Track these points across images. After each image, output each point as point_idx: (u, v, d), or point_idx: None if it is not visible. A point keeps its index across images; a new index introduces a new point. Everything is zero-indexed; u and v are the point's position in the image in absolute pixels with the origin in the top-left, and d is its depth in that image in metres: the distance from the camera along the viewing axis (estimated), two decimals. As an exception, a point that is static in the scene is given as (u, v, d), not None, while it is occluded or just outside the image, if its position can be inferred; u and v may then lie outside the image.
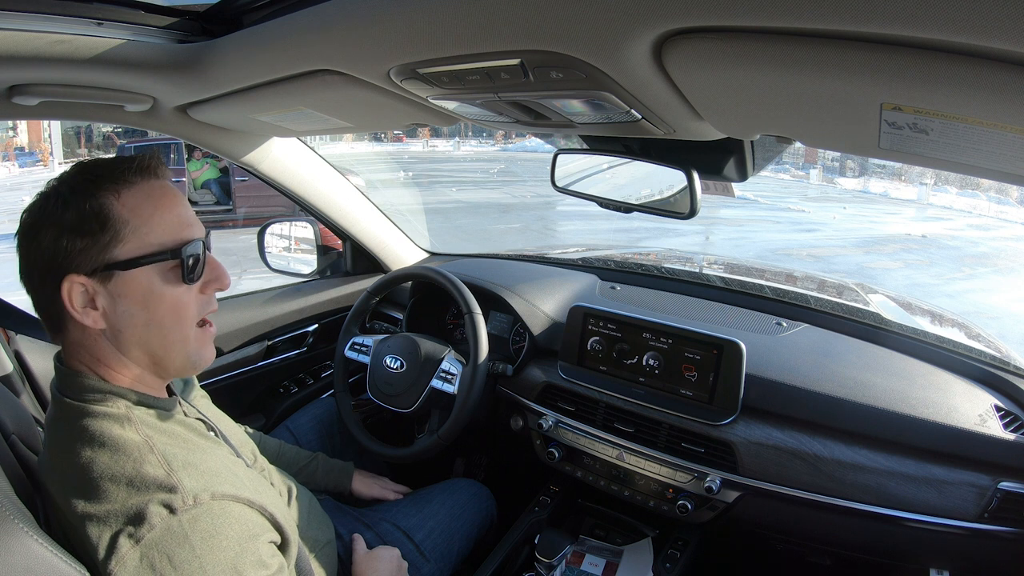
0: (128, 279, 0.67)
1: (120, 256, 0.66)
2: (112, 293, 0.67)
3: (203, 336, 0.75)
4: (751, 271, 2.10)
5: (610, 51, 0.55)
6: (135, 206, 0.67)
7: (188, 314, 0.71)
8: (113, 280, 0.66)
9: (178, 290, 0.70)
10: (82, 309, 0.66)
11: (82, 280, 0.65)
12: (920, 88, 0.47)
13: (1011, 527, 1.00)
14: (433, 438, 1.35)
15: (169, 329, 0.70)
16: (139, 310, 0.68)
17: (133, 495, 0.61)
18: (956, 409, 1.08)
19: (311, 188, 1.57)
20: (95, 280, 0.66)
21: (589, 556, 1.30)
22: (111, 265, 0.66)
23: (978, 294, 8.18)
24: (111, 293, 0.67)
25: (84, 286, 0.66)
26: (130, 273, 0.66)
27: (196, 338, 0.73)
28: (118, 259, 0.66)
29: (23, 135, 16.56)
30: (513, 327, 1.58)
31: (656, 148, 1.06)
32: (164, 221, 0.68)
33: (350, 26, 0.68)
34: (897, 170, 20.06)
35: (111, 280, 0.66)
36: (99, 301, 0.67)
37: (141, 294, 0.67)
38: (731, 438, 1.15)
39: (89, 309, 0.67)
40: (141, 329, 0.69)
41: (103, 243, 0.65)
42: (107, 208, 0.65)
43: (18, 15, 0.75)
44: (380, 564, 1.05)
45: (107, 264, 0.65)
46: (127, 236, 0.66)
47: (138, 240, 0.66)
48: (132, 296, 0.67)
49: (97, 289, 0.66)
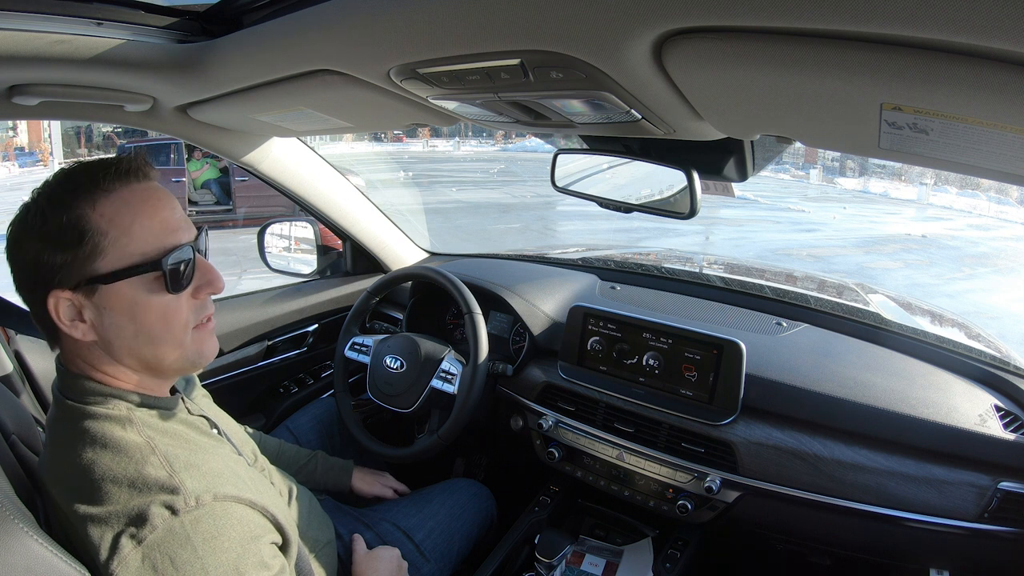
0: (112, 292, 0.65)
1: (101, 269, 0.64)
2: (98, 306, 0.65)
3: (201, 336, 0.73)
4: (751, 271, 2.10)
5: (610, 51, 0.55)
6: (113, 215, 0.64)
7: (178, 321, 0.69)
8: (97, 293, 0.64)
9: (165, 299, 0.67)
10: (70, 323, 0.65)
11: (67, 295, 0.64)
12: (920, 88, 0.47)
13: (1011, 527, 1.00)
14: (433, 438, 1.35)
15: (159, 338, 0.68)
16: (127, 321, 0.66)
17: (135, 496, 0.61)
18: (956, 409, 1.08)
19: (311, 188, 1.57)
20: (80, 294, 0.64)
21: (589, 556, 1.30)
22: (93, 279, 0.64)
23: (978, 294, 8.18)
24: (97, 306, 0.65)
25: (70, 300, 0.64)
26: (113, 286, 0.64)
27: (193, 340, 0.71)
28: (99, 272, 0.64)
29: (23, 135, 16.53)
30: (513, 327, 1.58)
31: (656, 148, 1.06)
32: (145, 229, 0.66)
33: (350, 26, 0.68)
34: (897, 170, 20.06)
35: (95, 293, 0.64)
36: (86, 314, 0.65)
37: (127, 306, 0.66)
38: (731, 438, 1.15)
39: (77, 322, 0.65)
40: (130, 339, 0.67)
41: (83, 257, 0.63)
42: (83, 220, 0.63)
43: (18, 15, 0.75)
44: (380, 564, 1.05)
45: (89, 278, 0.64)
46: (107, 248, 0.64)
47: (118, 251, 0.64)
48: (118, 308, 0.65)
49: (83, 302, 0.65)
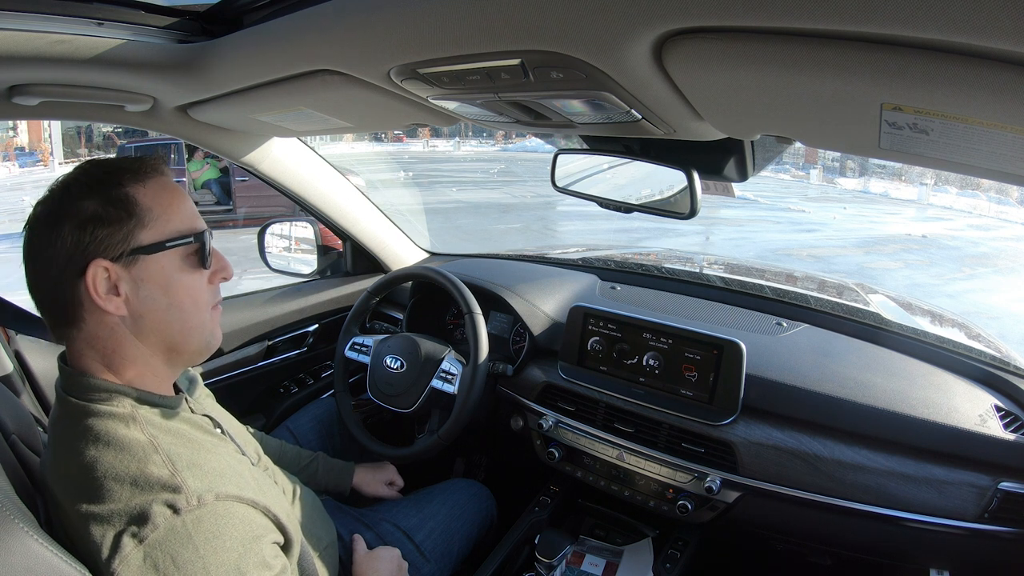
0: (151, 263, 0.69)
1: (144, 241, 0.69)
2: (135, 278, 0.69)
3: (215, 318, 0.79)
4: (751, 271, 2.10)
5: (610, 51, 0.55)
6: (156, 194, 0.71)
7: (203, 300, 0.75)
8: (137, 265, 0.69)
9: (195, 276, 0.74)
10: (105, 295, 0.67)
11: (107, 264, 0.67)
12: (920, 88, 0.47)
13: (1011, 527, 1.00)
14: (433, 438, 1.35)
15: (189, 313, 0.73)
16: (161, 294, 0.70)
17: (137, 495, 0.61)
18: (956, 409, 1.08)
19: (311, 188, 1.57)
20: (119, 265, 0.68)
21: (589, 556, 1.30)
22: (136, 250, 0.68)
23: (978, 294, 8.18)
24: (134, 278, 0.69)
25: (108, 271, 0.67)
26: (153, 257, 0.69)
27: (211, 320, 0.77)
28: (142, 243, 0.69)
29: (23, 135, 16.54)
30: (513, 327, 1.58)
31: (656, 148, 1.06)
32: (181, 211, 0.73)
33: (350, 26, 0.68)
34: (897, 170, 20.05)
35: (135, 265, 0.68)
36: (122, 287, 0.68)
37: (164, 278, 0.70)
38: (731, 438, 1.15)
39: (112, 296, 0.68)
40: (163, 313, 0.71)
41: (128, 229, 0.68)
42: (133, 196, 0.69)
43: (18, 15, 0.75)
44: (380, 564, 1.05)
45: (132, 249, 0.68)
46: (150, 223, 0.69)
47: (159, 227, 0.70)
48: (155, 280, 0.70)
49: (120, 274, 0.68)
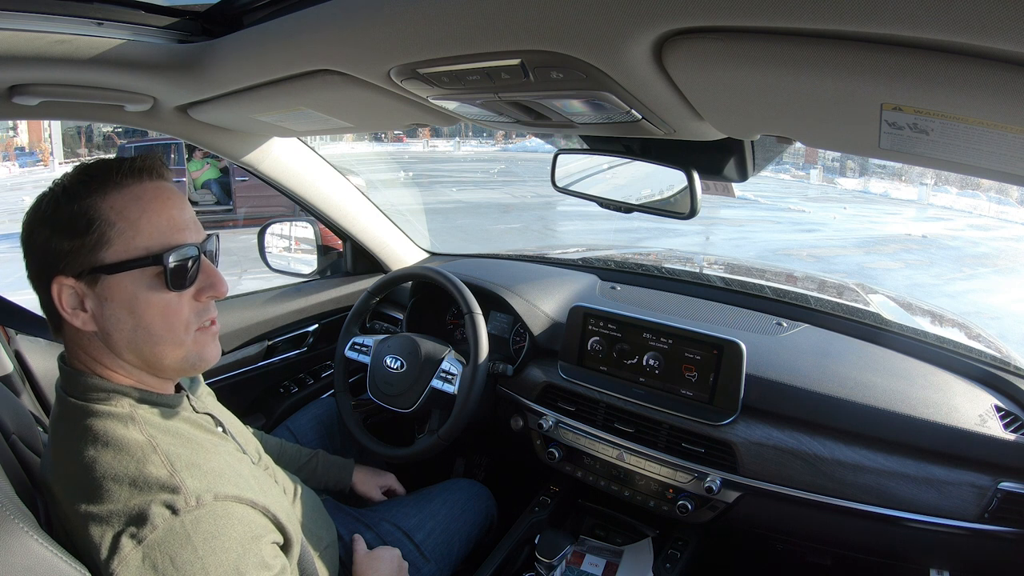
0: (114, 283, 0.65)
1: (106, 259, 0.65)
2: (99, 296, 0.66)
3: (203, 338, 0.73)
4: (751, 271, 2.10)
5: (610, 51, 0.55)
6: (122, 208, 0.65)
7: (179, 320, 0.69)
8: (99, 283, 0.65)
9: (166, 296, 0.68)
10: (71, 311, 0.66)
11: (70, 282, 0.65)
12: (920, 88, 0.47)
13: (1011, 527, 1.00)
14: (433, 438, 1.35)
15: (159, 335, 0.68)
16: (126, 315, 0.67)
17: (136, 495, 0.61)
18: (956, 409, 1.08)
19: (311, 188, 1.57)
20: (82, 282, 0.65)
21: (589, 556, 1.30)
22: (96, 268, 0.65)
23: (978, 294, 8.18)
24: (98, 296, 0.66)
25: (73, 288, 0.65)
26: (115, 277, 0.65)
27: (195, 342, 0.71)
28: (103, 262, 0.65)
29: (23, 135, 16.54)
30: (513, 327, 1.58)
31: (656, 148, 1.06)
32: (152, 224, 0.67)
33: (350, 26, 0.68)
34: (897, 170, 20.02)
35: (98, 283, 0.65)
36: (88, 303, 0.66)
37: (127, 299, 0.66)
38: (731, 438, 1.15)
39: (79, 311, 0.66)
40: (129, 333, 0.67)
41: (89, 245, 0.64)
42: (93, 209, 0.64)
43: (18, 15, 0.75)
44: (380, 564, 1.05)
45: (92, 267, 0.65)
46: (113, 239, 0.65)
47: (124, 243, 0.65)
48: (119, 300, 0.66)
49: (86, 291, 0.66)
